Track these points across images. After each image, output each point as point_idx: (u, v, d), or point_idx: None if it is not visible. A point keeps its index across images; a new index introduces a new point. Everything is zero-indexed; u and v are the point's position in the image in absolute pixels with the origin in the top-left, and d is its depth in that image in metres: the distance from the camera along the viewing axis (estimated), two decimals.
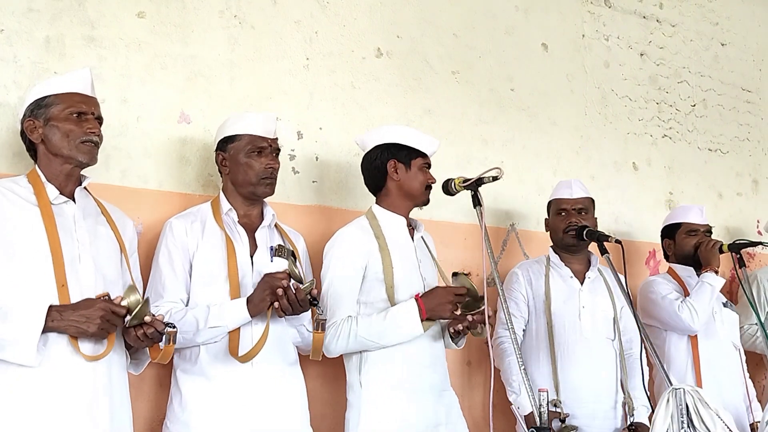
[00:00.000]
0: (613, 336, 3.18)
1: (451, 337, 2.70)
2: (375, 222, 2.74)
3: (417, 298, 2.58)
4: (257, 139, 2.57)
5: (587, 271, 3.26)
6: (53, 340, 2.07)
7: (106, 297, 2.09)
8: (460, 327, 2.57)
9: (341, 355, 2.71)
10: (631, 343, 3.22)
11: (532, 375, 3.03)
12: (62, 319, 2.04)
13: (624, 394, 3.11)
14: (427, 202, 2.79)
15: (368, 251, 2.66)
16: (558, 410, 2.93)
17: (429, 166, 2.79)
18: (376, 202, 2.81)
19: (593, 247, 3.22)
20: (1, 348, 2.02)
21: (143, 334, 2.11)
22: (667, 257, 3.77)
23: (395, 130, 2.81)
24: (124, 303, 2.09)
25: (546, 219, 3.39)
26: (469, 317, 2.56)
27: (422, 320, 2.56)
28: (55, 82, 2.28)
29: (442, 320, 2.68)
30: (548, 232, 3.36)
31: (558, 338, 3.09)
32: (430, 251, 2.88)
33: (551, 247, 3.33)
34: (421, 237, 2.84)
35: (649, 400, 3.08)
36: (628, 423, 3.06)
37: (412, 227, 2.81)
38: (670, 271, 3.68)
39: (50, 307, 2.05)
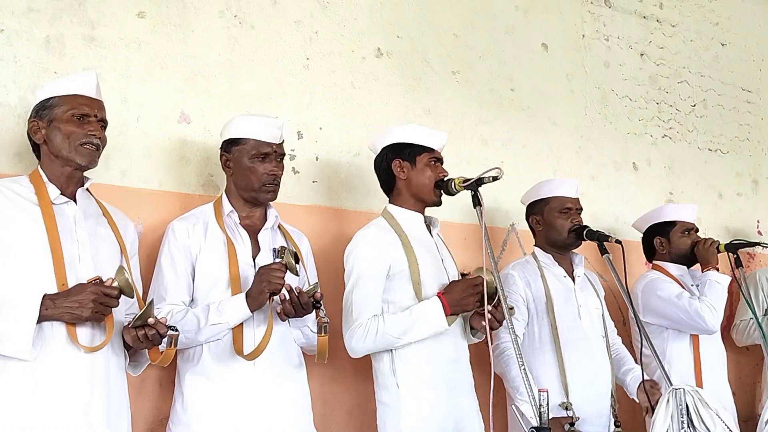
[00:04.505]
0: (603, 333, 3.18)
1: (471, 329, 2.70)
2: (393, 221, 2.74)
3: (439, 294, 2.58)
4: (262, 144, 2.56)
5: (572, 270, 3.24)
6: (51, 333, 2.08)
7: (98, 280, 2.09)
8: (484, 323, 2.54)
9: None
10: (615, 339, 3.32)
11: (539, 378, 2.98)
12: (55, 306, 2.05)
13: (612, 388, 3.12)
14: (438, 202, 2.77)
15: (392, 250, 2.66)
16: (570, 413, 2.91)
17: (438, 160, 2.78)
18: (390, 202, 2.81)
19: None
20: None
21: (144, 335, 2.12)
22: (650, 255, 3.73)
23: (398, 130, 2.81)
24: (114, 284, 2.09)
25: (534, 217, 3.27)
26: (488, 315, 2.51)
27: (446, 315, 2.56)
28: (61, 83, 2.28)
29: (465, 314, 2.68)
30: (539, 230, 3.26)
31: (562, 338, 3.05)
32: (446, 247, 2.88)
33: (540, 246, 3.26)
34: (437, 233, 2.84)
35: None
36: (615, 421, 3.06)
37: (427, 224, 2.81)
38: (660, 269, 3.63)
39: (44, 296, 2.05)
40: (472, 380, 2.77)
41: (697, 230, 3.67)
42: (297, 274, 2.44)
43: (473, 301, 2.56)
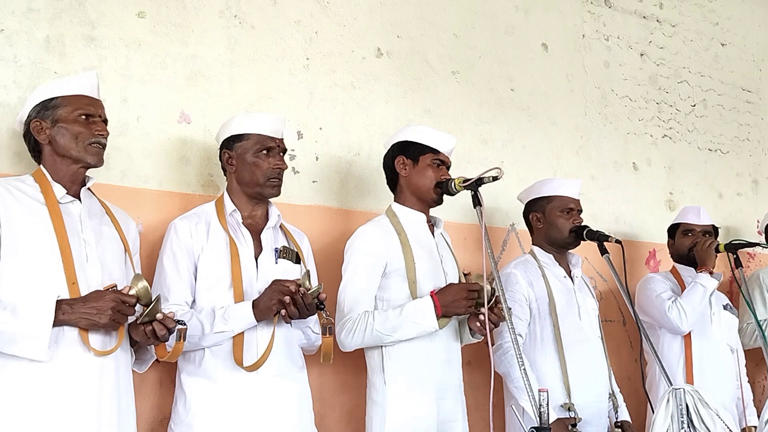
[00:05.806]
0: (599, 333, 3.18)
1: (470, 330, 2.69)
2: (395, 219, 2.76)
3: (432, 294, 2.58)
4: (266, 138, 2.57)
5: (570, 270, 3.23)
6: (63, 336, 2.08)
7: (114, 288, 2.10)
8: (478, 325, 2.56)
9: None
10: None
11: (542, 378, 2.97)
12: (73, 311, 2.05)
13: (610, 389, 3.13)
14: (438, 201, 2.78)
15: (389, 248, 2.67)
16: (572, 414, 2.90)
17: (443, 163, 2.78)
18: (395, 200, 2.83)
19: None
20: (13, 343, 2.02)
21: (152, 332, 2.12)
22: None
23: (407, 129, 2.85)
24: (132, 292, 2.09)
25: (535, 215, 3.25)
26: (482, 317, 2.52)
27: (438, 317, 2.56)
28: (62, 83, 2.29)
29: (458, 317, 2.68)
30: (539, 227, 3.24)
31: (564, 339, 3.04)
32: (450, 248, 2.88)
33: (538, 245, 3.25)
34: (441, 233, 2.84)
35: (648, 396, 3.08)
36: (615, 420, 3.07)
37: (431, 224, 2.82)
38: (673, 270, 3.69)
39: (60, 300, 2.05)
40: (461, 383, 2.78)
41: (707, 232, 3.66)
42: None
43: (465, 305, 2.55)
